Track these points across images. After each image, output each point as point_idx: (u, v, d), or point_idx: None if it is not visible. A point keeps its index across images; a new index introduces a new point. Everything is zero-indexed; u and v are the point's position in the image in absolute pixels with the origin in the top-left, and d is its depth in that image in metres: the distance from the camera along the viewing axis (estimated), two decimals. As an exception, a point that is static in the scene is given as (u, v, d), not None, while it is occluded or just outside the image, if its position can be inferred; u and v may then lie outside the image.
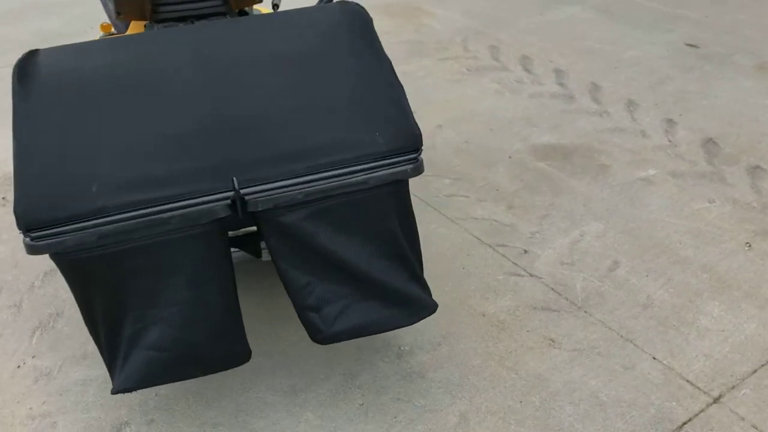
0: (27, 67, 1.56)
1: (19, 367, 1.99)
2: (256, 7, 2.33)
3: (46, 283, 2.29)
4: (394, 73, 1.62)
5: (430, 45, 4.07)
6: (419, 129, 1.53)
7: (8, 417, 1.85)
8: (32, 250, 1.35)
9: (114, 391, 1.54)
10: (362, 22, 1.68)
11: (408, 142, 1.49)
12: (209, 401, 1.86)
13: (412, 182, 2.59)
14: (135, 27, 2.24)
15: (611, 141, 2.96)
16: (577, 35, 4.06)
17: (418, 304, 1.67)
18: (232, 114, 1.50)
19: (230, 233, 1.62)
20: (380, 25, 4.15)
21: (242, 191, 1.41)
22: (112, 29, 2.37)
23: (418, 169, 1.51)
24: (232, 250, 1.68)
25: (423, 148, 1.55)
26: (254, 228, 1.64)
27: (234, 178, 1.39)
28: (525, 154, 2.90)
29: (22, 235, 1.37)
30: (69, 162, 1.40)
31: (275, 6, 2.55)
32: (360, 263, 1.57)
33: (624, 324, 2.04)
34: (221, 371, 1.64)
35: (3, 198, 2.75)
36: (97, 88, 1.52)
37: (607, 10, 4.41)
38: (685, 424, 1.74)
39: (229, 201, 1.40)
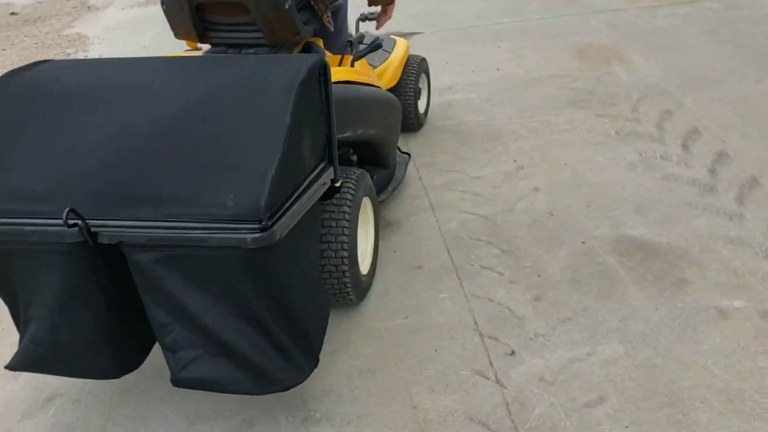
0: (20, 73, 1.81)
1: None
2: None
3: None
4: (286, 137, 1.54)
5: (599, 97, 3.69)
6: (267, 201, 1.45)
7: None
8: None
9: (5, 367, 1.75)
10: (291, 80, 1.63)
11: (250, 212, 1.44)
12: (126, 401, 2.00)
13: (457, 242, 2.44)
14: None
15: (718, 252, 2.42)
16: (782, 114, 3.36)
17: (270, 377, 1.61)
18: (124, 149, 1.59)
19: None
20: (564, 67, 3.96)
21: (90, 222, 1.50)
22: (197, 45, 2.60)
23: (261, 241, 1.44)
24: None
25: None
26: None
27: (69, 208, 1.47)
28: (602, 243, 2.52)
29: None
30: None
31: (350, 43, 2.56)
32: (207, 319, 1.56)
33: (552, 474, 1.71)
34: (90, 379, 1.76)
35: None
36: (47, 103, 1.72)
37: None
38: None
39: (77, 228, 1.50)
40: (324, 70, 1.76)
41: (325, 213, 2.04)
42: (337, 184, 1.94)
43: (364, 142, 2.46)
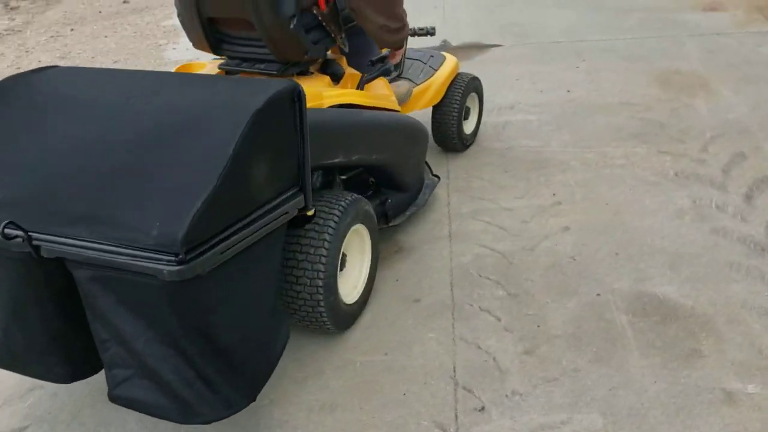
0: (18, 78, 1.90)
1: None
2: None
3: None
4: (225, 168, 1.50)
5: (669, 131, 3.41)
6: (186, 234, 1.42)
7: None
8: None
9: None
10: (246, 109, 1.59)
11: (168, 243, 1.42)
12: (96, 401, 2.05)
13: (464, 278, 2.36)
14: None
15: (747, 325, 2.16)
16: None
17: (193, 408, 1.60)
18: (77, 166, 1.62)
19: None
20: (640, 94, 3.77)
21: (34, 235, 1.53)
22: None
23: (177, 275, 1.42)
24: None
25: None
26: None
27: (7, 221, 1.51)
28: (619, 298, 2.32)
29: None
30: None
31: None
32: (137, 343, 1.56)
33: None
34: (45, 381, 1.82)
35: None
36: (24, 112, 1.78)
37: None
38: None
39: (21, 239, 1.54)
40: (298, 96, 1.71)
41: (305, 239, 2.00)
42: (310, 213, 1.89)
43: (374, 167, 2.39)
